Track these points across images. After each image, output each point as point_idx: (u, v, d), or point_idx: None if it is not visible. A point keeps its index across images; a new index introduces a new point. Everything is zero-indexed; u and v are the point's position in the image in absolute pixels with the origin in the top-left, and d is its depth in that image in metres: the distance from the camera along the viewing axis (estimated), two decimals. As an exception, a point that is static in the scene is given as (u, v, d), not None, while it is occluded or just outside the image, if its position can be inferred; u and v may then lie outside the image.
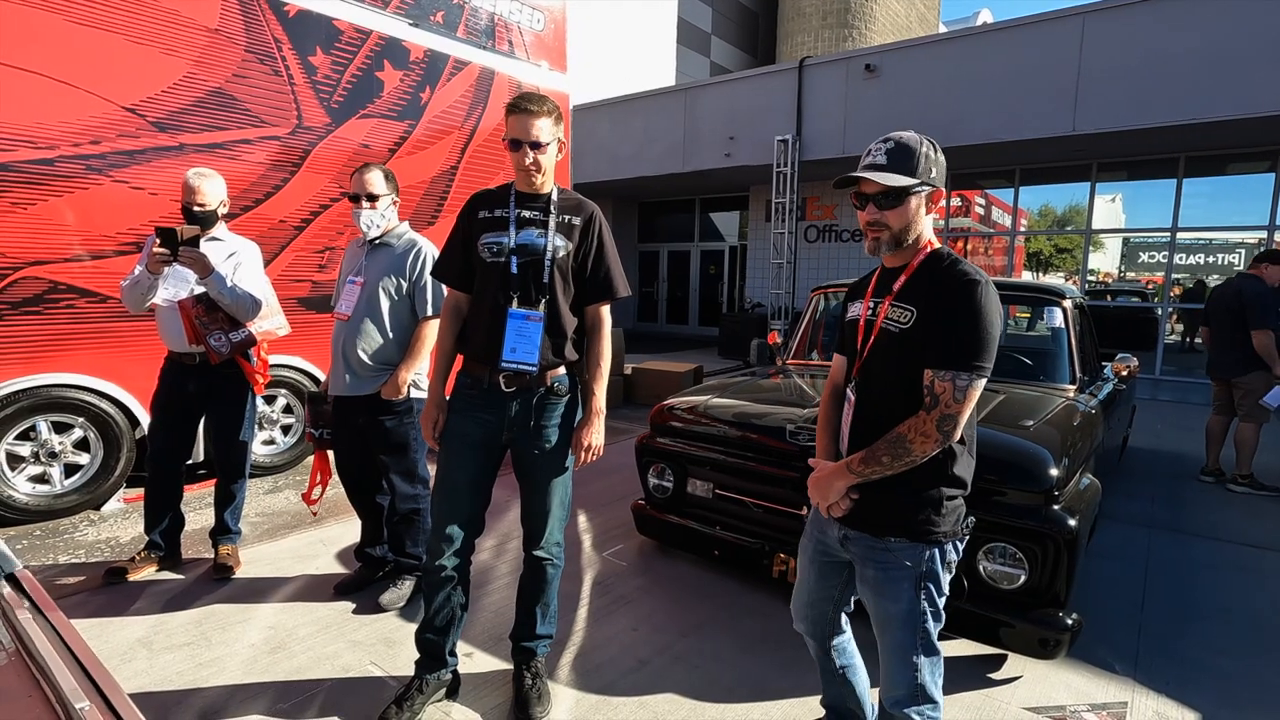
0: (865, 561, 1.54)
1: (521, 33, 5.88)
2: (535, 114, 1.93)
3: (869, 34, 22.58)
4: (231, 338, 2.86)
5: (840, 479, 1.50)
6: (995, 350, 1.39)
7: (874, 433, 1.47)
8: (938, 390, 1.38)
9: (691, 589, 2.99)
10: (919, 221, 1.47)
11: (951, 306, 1.39)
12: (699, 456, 3.10)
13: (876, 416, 1.49)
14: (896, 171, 1.43)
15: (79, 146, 3.56)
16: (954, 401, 1.37)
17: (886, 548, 1.49)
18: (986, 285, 1.39)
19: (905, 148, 1.44)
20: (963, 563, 2.42)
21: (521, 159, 1.95)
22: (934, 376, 1.39)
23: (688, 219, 16.08)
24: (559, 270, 1.99)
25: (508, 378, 1.96)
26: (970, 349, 1.37)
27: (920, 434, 1.39)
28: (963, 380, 1.37)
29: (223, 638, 2.49)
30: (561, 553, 2.17)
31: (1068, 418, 2.89)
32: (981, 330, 1.36)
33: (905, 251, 1.51)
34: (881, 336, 1.49)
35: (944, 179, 1.48)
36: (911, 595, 1.48)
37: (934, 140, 1.47)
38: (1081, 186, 10.86)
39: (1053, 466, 2.35)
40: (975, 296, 1.37)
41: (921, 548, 1.47)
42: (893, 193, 1.44)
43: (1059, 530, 2.23)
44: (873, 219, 1.48)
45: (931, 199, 1.47)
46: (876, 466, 1.43)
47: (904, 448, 1.40)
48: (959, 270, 1.43)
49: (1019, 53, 9.00)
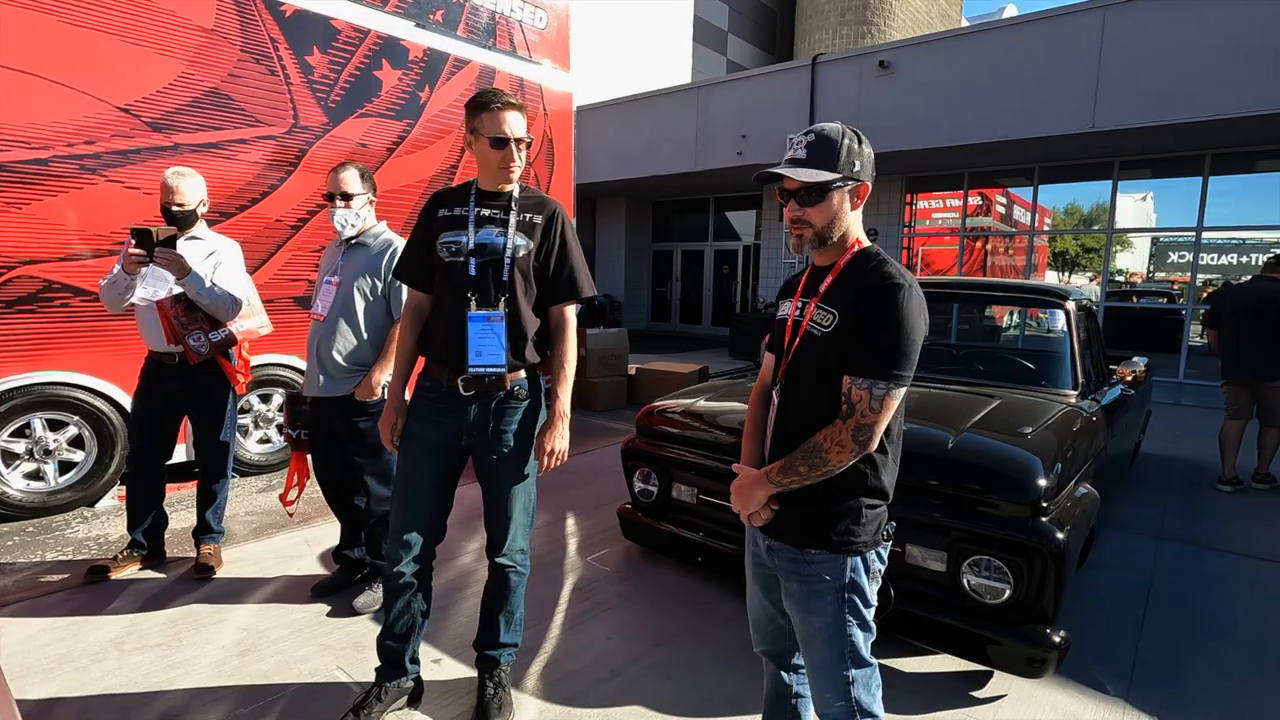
0: (788, 575, 1.47)
1: (523, 31, 5.85)
2: (515, 108, 1.90)
3: (888, 31, 22.29)
4: (211, 337, 2.85)
5: (760, 488, 1.43)
6: (916, 358, 1.33)
7: (795, 439, 1.40)
8: (854, 399, 1.32)
9: (673, 596, 2.93)
10: (843, 218, 1.40)
11: (872, 311, 1.33)
12: (683, 461, 3.03)
13: (798, 422, 1.43)
14: (817, 166, 1.36)
15: (73, 146, 3.59)
16: (870, 411, 1.31)
17: (807, 560, 1.43)
18: (910, 289, 1.32)
19: (826, 140, 1.37)
20: (946, 575, 2.34)
21: (507, 158, 1.91)
22: (851, 384, 1.33)
23: (702, 218, 15.99)
24: (519, 270, 1.94)
25: (467, 381, 1.92)
26: (888, 357, 1.30)
27: (836, 443, 1.32)
28: (880, 389, 1.30)
29: (195, 639, 2.48)
30: (526, 560, 2.13)
31: (1065, 424, 2.78)
32: (901, 337, 1.30)
33: (833, 250, 1.44)
34: (806, 339, 1.43)
35: (870, 172, 1.41)
36: (835, 608, 1.41)
37: (859, 131, 1.40)
38: (1103, 185, 10.59)
39: (1041, 476, 2.26)
40: (896, 301, 1.30)
41: (842, 559, 1.40)
42: (814, 189, 1.37)
43: (1046, 543, 2.14)
44: (794, 216, 1.41)
45: (857, 194, 1.40)
46: (794, 476, 1.37)
47: (820, 457, 1.34)
48: (882, 273, 1.36)
49: (1037, 47, 8.79)
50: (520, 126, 1.92)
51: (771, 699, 1.72)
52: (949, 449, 2.44)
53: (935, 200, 12.67)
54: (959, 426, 2.61)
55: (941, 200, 12.59)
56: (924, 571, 2.40)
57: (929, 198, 12.66)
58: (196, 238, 2.93)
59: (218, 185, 4.10)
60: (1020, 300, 4.12)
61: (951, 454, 2.42)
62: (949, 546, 2.32)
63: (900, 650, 2.51)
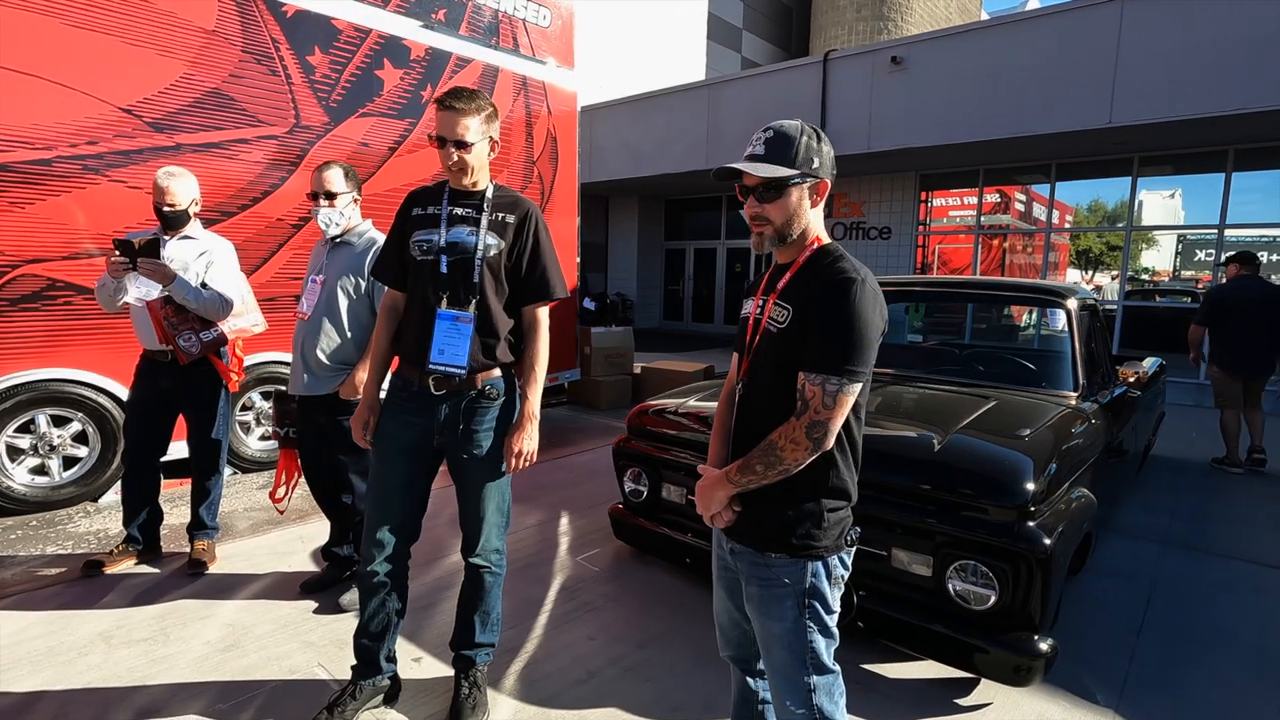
0: (749, 579, 1.45)
1: (527, 29, 5.85)
2: (462, 112, 1.87)
3: (905, 27, 22.02)
4: (202, 337, 2.88)
5: (720, 488, 1.41)
6: (872, 353, 1.30)
7: (755, 438, 1.38)
8: (808, 395, 1.30)
9: (660, 597, 2.91)
10: (802, 215, 1.38)
11: (825, 306, 1.30)
12: (671, 461, 3.01)
13: (757, 421, 1.40)
14: (774, 162, 1.34)
15: (76, 147, 3.64)
16: (823, 407, 1.28)
17: (767, 564, 1.40)
18: (863, 284, 1.30)
19: (784, 137, 1.35)
20: (932, 580, 2.29)
21: (446, 158, 1.89)
22: (805, 380, 1.30)
23: (714, 216, 15.91)
24: (490, 269, 1.93)
25: (437, 380, 1.91)
26: (841, 351, 1.28)
27: (790, 441, 1.30)
28: (833, 385, 1.28)
29: (181, 634, 2.50)
30: (502, 560, 2.12)
31: (1062, 426, 2.72)
32: (854, 332, 1.27)
33: (792, 247, 1.42)
34: (764, 336, 1.41)
35: (830, 170, 1.39)
36: (795, 614, 1.38)
37: (817, 128, 1.39)
38: (1123, 181, 10.36)
39: (1029, 479, 2.20)
40: (849, 295, 1.28)
41: (802, 563, 1.38)
42: (771, 185, 1.35)
43: (1032, 548, 2.09)
44: (754, 212, 1.40)
45: (816, 191, 1.38)
46: (751, 476, 1.35)
47: (775, 455, 1.31)
48: (836, 268, 1.34)
49: (1053, 42, 8.61)
50: (460, 128, 1.85)
51: (738, 704, 1.69)
52: (936, 451, 2.39)
53: (952, 198, 12.48)
54: (949, 428, 2.56)
55: (958, 198, 12.40)
56: (909, 576, 2.35)
57: (944, 195, 12.48)
58: (189, 237, 2.95)
59: (219, 185, 4.15)
60: (1020, 299, 4.03)
61: (938, 456, 2.37)
62: (934, 551, 2.28)
63: (883, 656, 2.47)
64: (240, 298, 3.06)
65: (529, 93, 5.90)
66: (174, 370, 2.89)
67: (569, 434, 5.91)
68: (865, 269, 1.33)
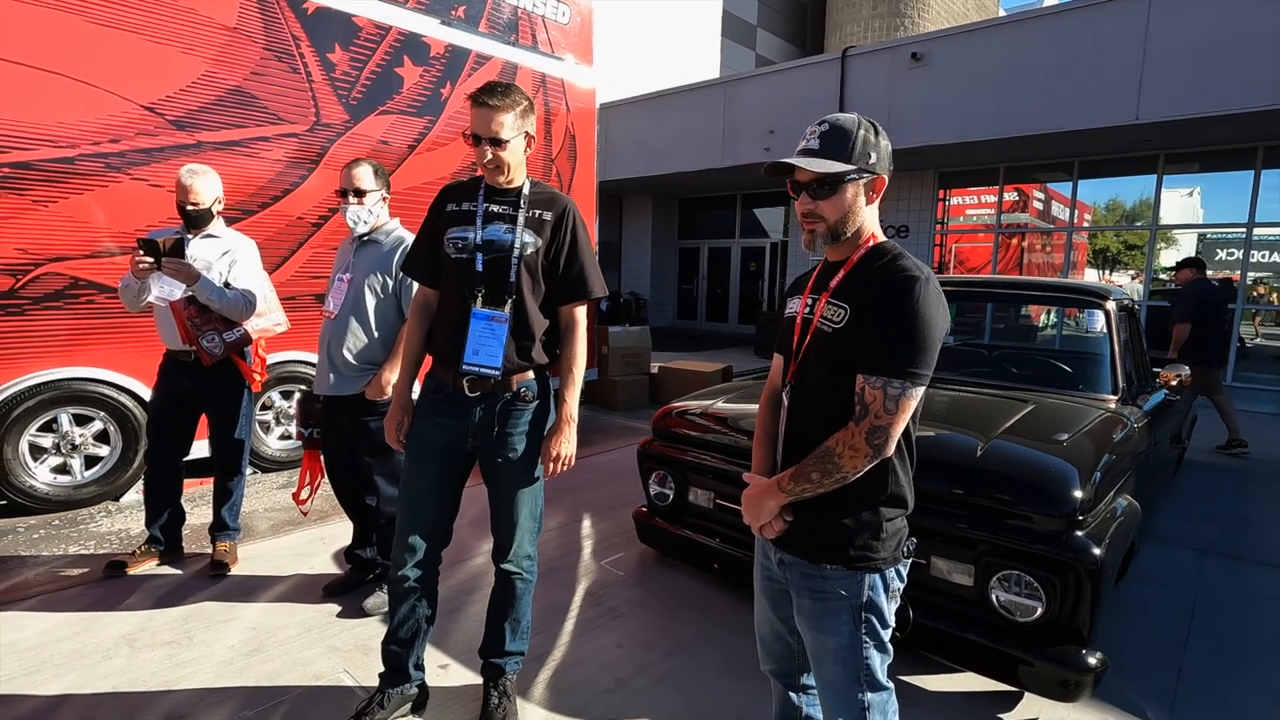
0: (801, 590, 1.38)
1: (546, 26, 5.80)
2: (497, 109, 1.81)
3: (922, 24, 21.81)
4: (225, 338, 2.85)
5: (771, 497, 1.34)
6: (935, 355, 1.23)
7: (807, 444, 1.32)
8: (868, 399, 1.23)
9: (687, 603, 2.85)
10: (857, 212, 1.31)
11: (885, 305, 1.24)
12: (699, 464, 2.95)
13: (810, 426, 1.34)
14: (830, 157, 1.28)
15: (98, 145, 3.63)
16: (884, 412, 1.22)
17: (822, 575, 1.34)
18: (926, 282, 1.23)
19: (840, 130, 1.29)
20: (973, 590, 2.22)
21: (481, 156, 1.84)
22: (865, 383, 1.24)
23: (729, 215, 15.82)
24: (527, 268, 1.88)
25: (471, 382, 1.86)
26: (904, 353, 1.21)
27: (849, 448, 1.24)
28: (895, 388, 1.21)
29: (205, 637, 2.47)
30: (533, 566, 2.07)
31: (1104, 431, 2.64)
32: (917, 332, 1.21)
33: (845, 245, 1.35)
34: (815, 337, 1.34)
35: (887, 165, 1.32)
36: (851, 629, 1.32)
37: (876, 122, 1.32)
38: (1147, 179, 10.19)
39: (1076, 487, 2.13)
40: (912, 294, 1.21)
41: (859, 576, 1.31)
42: (826, 180, 1.29)
43: (1081, 559, 2.01)
44: (806, 209, 1.33)
45: (873, 187, 1.32)
46: (806, 484, 1.28)
47: (832, 463, 1.25)
48: (896, 266, 1.27)
49: (1077, 37, 8.46)
50: (495, 125, 1.80)
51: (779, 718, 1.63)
52: (978, 457, 2.31)
53: (969, 196, 12.34)
54: (989, 432, 2.48)
55: (976, 196, 12.26)
56: (950, 585, 2.28)
57: (963, 194, 12.33)
58: (212, 235, 2.92)
59: (240, 183, 4.13)
60: (1058, 299, 3.93)
61: (980, 462, 2.30)
62: (976, 560, 2.20)
63: (925, 667, 2.40)
64: (263, 297, 3.02)
65: (548, 90, 5.85)
66: (197, 371, 2.86)
67: (588, 434, 5.86)
68: (927, 267, 1.27)
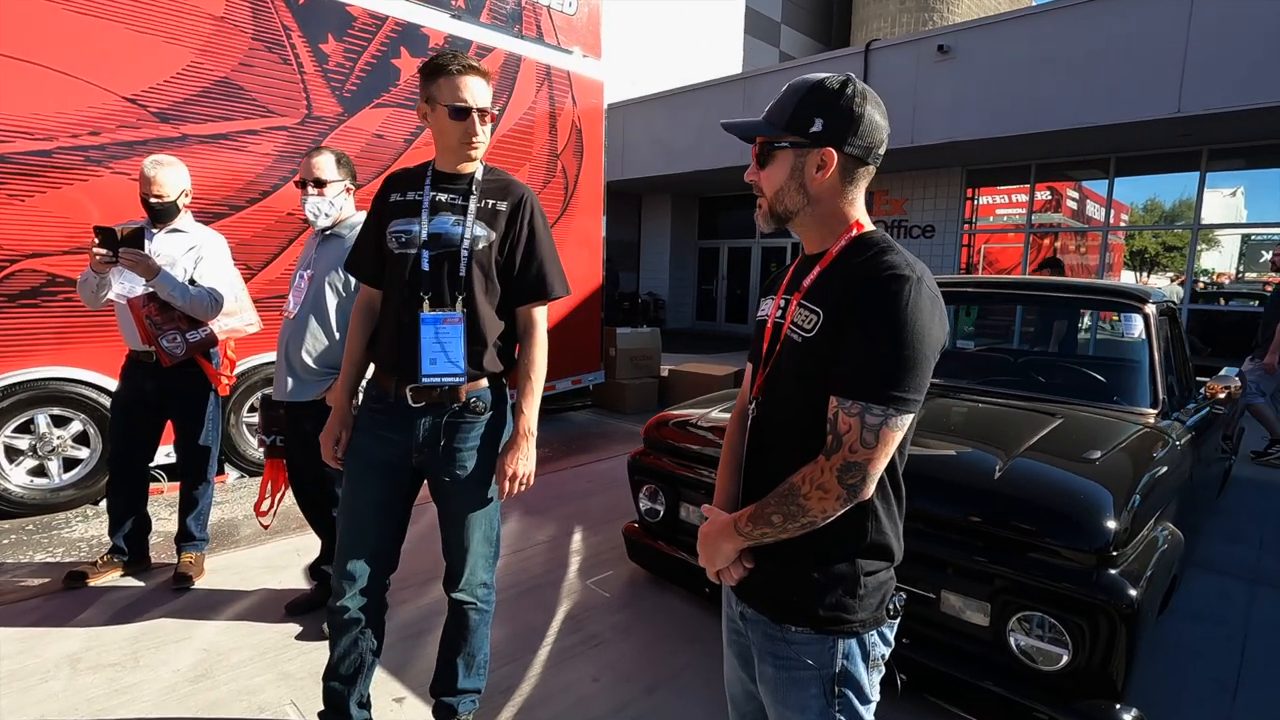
0: (763, 654, 1.15)
1: (551, 16, 5.61)
2: (478, 73, 1.65)
3: (952, 18, 21.26)
4: (189, 338, 2.68)
5: (727, 539, 1.11)
6: (926, 375, 0.98)
7: (769, 475, 1.08)
8: (841, 428, 0.98)
9: (676, 630, 2.62)
10: (792, 190, 1.07)
11: (865, 311, 0.98)
12: (690, 478, 2.72)
13: (774, 453, 1.11)
14: (772, 120, 1.07)
15: (78, 138, 3.51)
16: (861, 445, 0.97)
17: (785, 639, 1.10)
18: (918, 283, 0.97)
19: (791, 91, 1.07)
20: (989, 631, 1.96)
21: (469, 131, 1.65)
22: (838, 408, 0.99)
23: (749, 215, 15.49)
24: (479, 265, 1.67)
25: (415, 391, 1.66)
26: (887, 372, 0.96)
27: (818, 487, 0.99)
28: (874, 416, 0.96)
29: (152, 659, 2.31)
30: (490, 595, 1.86)
31: (1142, 450, 2.36)
32: (905, 346, 0.95)
33: (820, 232, 1.11)
34: (785, 346, 1.10)
35: (848, 137, 1.03)
36: (821, 704, 1.08)
37: (854, 85, 1.04)
38: (1189, 177, 9.70)
39: (1109, 516, 1.86)
40: (899, 298, 0.96)
41: (832, 641, 1.07)
42: (765, 146, 1.09)
43: (1114, 601, 1.74)
44: (750, 178, 1.13)
45: (821, 163, 1.04)
46: (766, 528, 1.04)
47: (797, 505, 1.01)
48: (881, 262, 1.01)
49: (1115, 26, 8.04)
50: (484, 95, 1.66)
51: None
52: (996, 478, 2.05)
53: (999, 195, 11.91)
54: (1010, 450, 2.22)
55: (1006, 195, 11.83)
56: (962, 624, 2.02)
57: (992, 192, 11.91)
58: (178, 230, 2.77)
59: (227, 178, 3.99)
60: (1092, 302, 3.62)
61: (999, 484, 2.04)
62: (993, 597, 1.94)
63: (930, 713, 2.14)
64: (233, 296, 2.86)
65: (553, 83, 5.66)
66: (159, 372, 2.70)
67: (590, 439, 5.66)
68: (920, 264, 1.02)
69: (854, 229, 1.09)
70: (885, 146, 1.08)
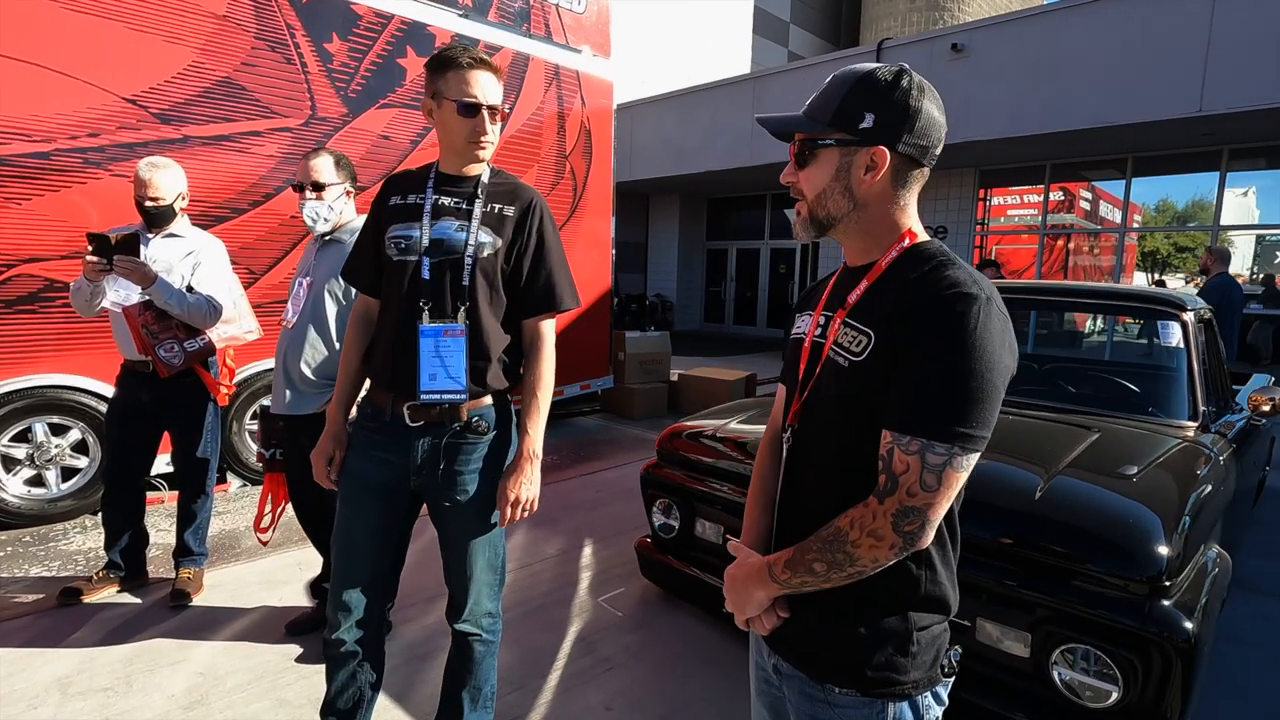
0: (800, 713, 1.03)
1: (560, 15, 5.51)
2: (488, 67, 1.54)
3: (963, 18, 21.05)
4: (186, 347, 2.59)
5: (760, 585, 0.99)
6: (995, 409, 0.85)
7: (807, 513, 0.96)
8: (897, 468, 0.85)
9: (692, 653, 2.50)
10: (837, 194, 0.95)
11: (926, 335, 0.85)
12: (707, 493, 2.60)
13: (815, 490, 0.98)
14: (814, 116, 0.95)
15: (77, 139, 3.43)
16: (921, 488, 0.84)
17: (828, 700, 0.98)
18: (987, 303, 0.85)
19: (838, 83, 0.95)
20: (1030, 662, 1.83)
21: (478, 128, 1.54)
22: (894, 445, 0.86)
23: (758, 215, 15.39)
24: (483, 273, 1.56)
25: (413, 409, 1.55)
26: (952, 406, 0.83)
27: (869, 534, 0.87)
28: (937, 455, 0.84)
29: (146, 682, 2.21)
30: (495, 624, 1.75)
31: (1187, 467, 2.22)
32: (973, 376, 0.82)
33: (865, 241, 0.99)
34: (827, 369, 0.97)
35: (901, 135, 0.91)
36: None
37: (909, 76, 0.92)
38: (1208, 177, 9.51)
39: (1162, 542, 1.73)
40: (966, 321, 0.83)
41: (880, 705, 0.95)
42: (804, 145, 0.96)
43: (1171, 635, 1.62)
44: (788, 179, 1.00)
45: (871, 162, 0.92)
46: (807, 576, 0.92)
47: (844, 553, 0.88)
48: (943, 278, 0.88)
49: (1135, 23, 7.88)
50: (495, 91, 1.55)
51: None
52: (1037, 499, 1.93)
53: (1011, 196, 11.75)
54: (1049, 466, 2.09)
55: (1018, 196, 11.67)
56: (1000, 655, 1.90)
57: (1004, 193, 11.75)
58: (175, 235, 2.68)
59: (230, 180, 3.91)
60: (1124, 309, 3.48)
61: (1040, 505, 1.91)
62: (1034, 627, 1.82)
63: (967, 748, 2.01)
64: (232, 303, 2.77)
65: (561, 83, 5.55)
66: (155, 382, 2.61)
67: (599, 446, 5.54)
68: (987, 280, 0.89)
69: (906, 238, 0.96)
70: (942, 147, 0.96)
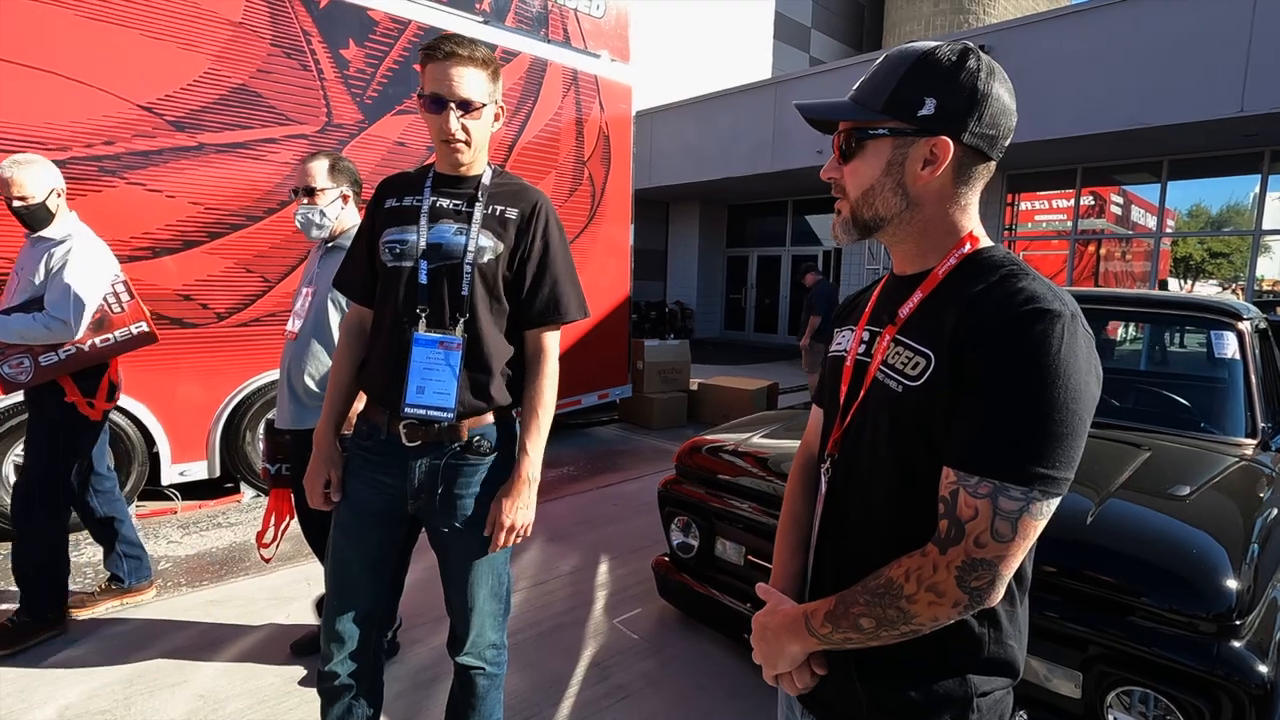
0: None
1: (579, 20, 5.44)
2: (464, 60, 1.40)
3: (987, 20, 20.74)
4: (41, 361, 2.36)
5: (795, 639, 0.86)
6: (1080, 446, 0.72)
7: (849, 557, 0.84)
8: (963, 512, 0.72)
9: (711, 681, 2.37)
10: (887, 191, 0.82)
11: (999, 359, 0.72)
12: (728, 512, 2.47)
13: (857, 529, 0.86)
14: (862, 102, 0.82)
15: (92, 147, 3.41)
16: (992, 537, 0.71)
17: None
18: (1071, 321, 0.71)
19: (891, 64, 0.81)
20: (1080, 704, 1.67)
21: (443, 124, 1.42)
22: (959, 485, 0.73)
23: (779, 222, 15.21)
24: (484, 280, 1.46)
25: (410, 428, 1.44)
26: (1029, 442, 0.70)
27: (927, 587, 0.73)
28: (1013, 500, 0.70)
29: (144, 707, 2.13)
30: (501, 655, 1.63)
31: (1248, 488, 2.05)
32: (1053, 407, 0.69)
33: (920, 246, 0.86)
34: (875, 393, 0.84)
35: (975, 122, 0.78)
36: None
37: (976, 55, 0.79)
38: (1247, 180, 9.18)
39: (1230, 575, 1.57)
40: (1046, 343, 0.70)
41: None
42: (850, 135, 0.83)
43: (1244, 680, 1.45)
44: (829, 175, 0.87)
45: (932, 153, 0.79)
46: (852, 634, 0.79)
47: (897, 608, 0.75)
48: (1016, 291, 0.74)
49: (1169, 23, 7.62)
50: (472, 86, 1.41)
51: None
52: (1089, 524, 1.77)
53: (1039, 201, 11.47)
54: (1100, 489, 1.93)
55: (1047, 201, 11.38)
56: (1047, 694, 1.74)
57: (1032, 197, 11.47)
58: (44, 238, 2.39)
59: (245, 188, 3.87)
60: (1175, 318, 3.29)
61: (1092, 532, 1.76)
62: (1086, 665, 1.66)
63: (1011, 796, 1.85)
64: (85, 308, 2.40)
65: (580, 88, 5.48)
66: (31, 398, 2.43)
67: (617, 457, 5.43)
68: (1068, 294, 0.75)
69: (966, 243, 0.84)
70: (1011, 137, 0.83)
